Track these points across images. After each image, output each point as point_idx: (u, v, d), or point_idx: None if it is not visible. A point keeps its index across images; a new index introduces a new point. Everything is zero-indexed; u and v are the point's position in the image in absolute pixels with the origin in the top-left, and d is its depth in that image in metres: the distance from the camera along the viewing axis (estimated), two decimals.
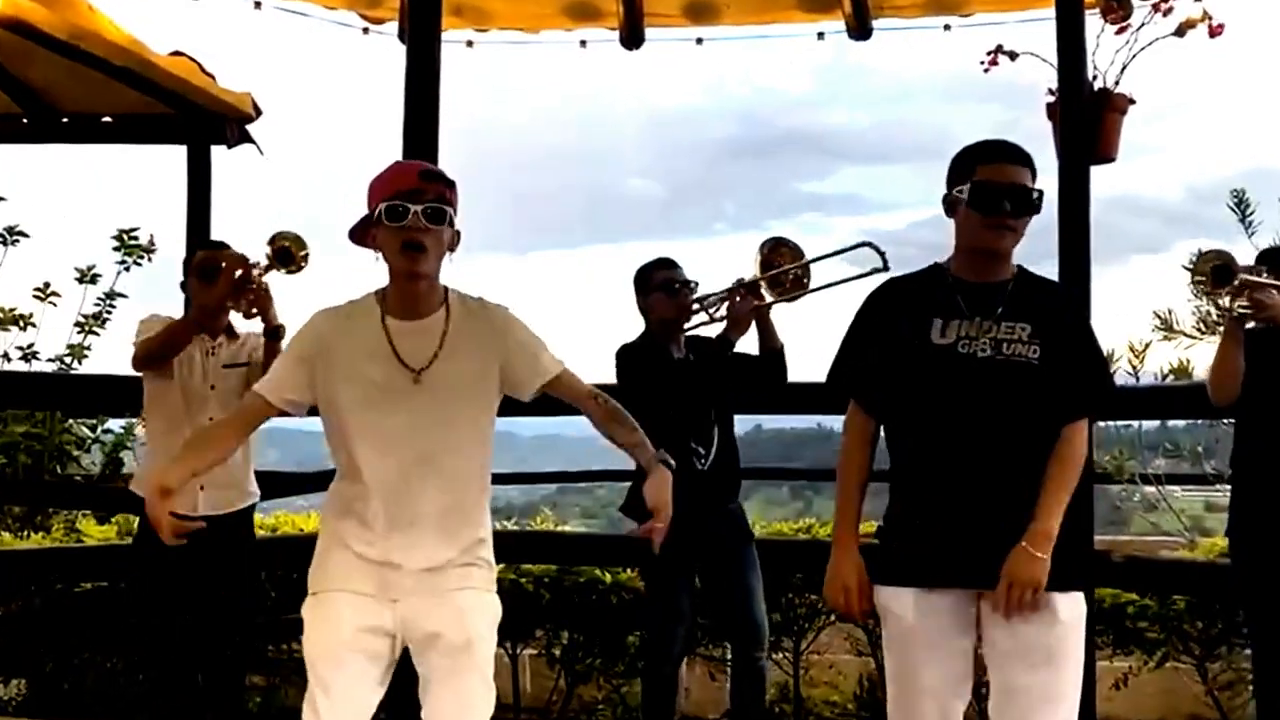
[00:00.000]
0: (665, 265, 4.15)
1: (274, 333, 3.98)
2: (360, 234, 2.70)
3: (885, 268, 4.00)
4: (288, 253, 3.99)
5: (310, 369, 2.65)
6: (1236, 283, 3.38)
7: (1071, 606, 2.64)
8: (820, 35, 5.32)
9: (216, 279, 3.98)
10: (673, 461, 2.79)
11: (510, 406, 5.25)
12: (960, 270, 2.75)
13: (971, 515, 2.62)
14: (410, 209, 2.55)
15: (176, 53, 5.49)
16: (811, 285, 4.14)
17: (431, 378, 2.64)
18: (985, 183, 2.64)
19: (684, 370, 4.08)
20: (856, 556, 2.74)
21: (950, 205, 2.74)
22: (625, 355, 4.12)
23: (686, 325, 4.17)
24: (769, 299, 4.13)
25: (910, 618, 2.66)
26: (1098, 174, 4.53)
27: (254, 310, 3.99)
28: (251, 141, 5.95)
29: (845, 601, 2.74)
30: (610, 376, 4.15)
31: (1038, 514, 2.60)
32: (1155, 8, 4.53)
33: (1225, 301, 3.51)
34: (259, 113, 5.88)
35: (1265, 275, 3.47)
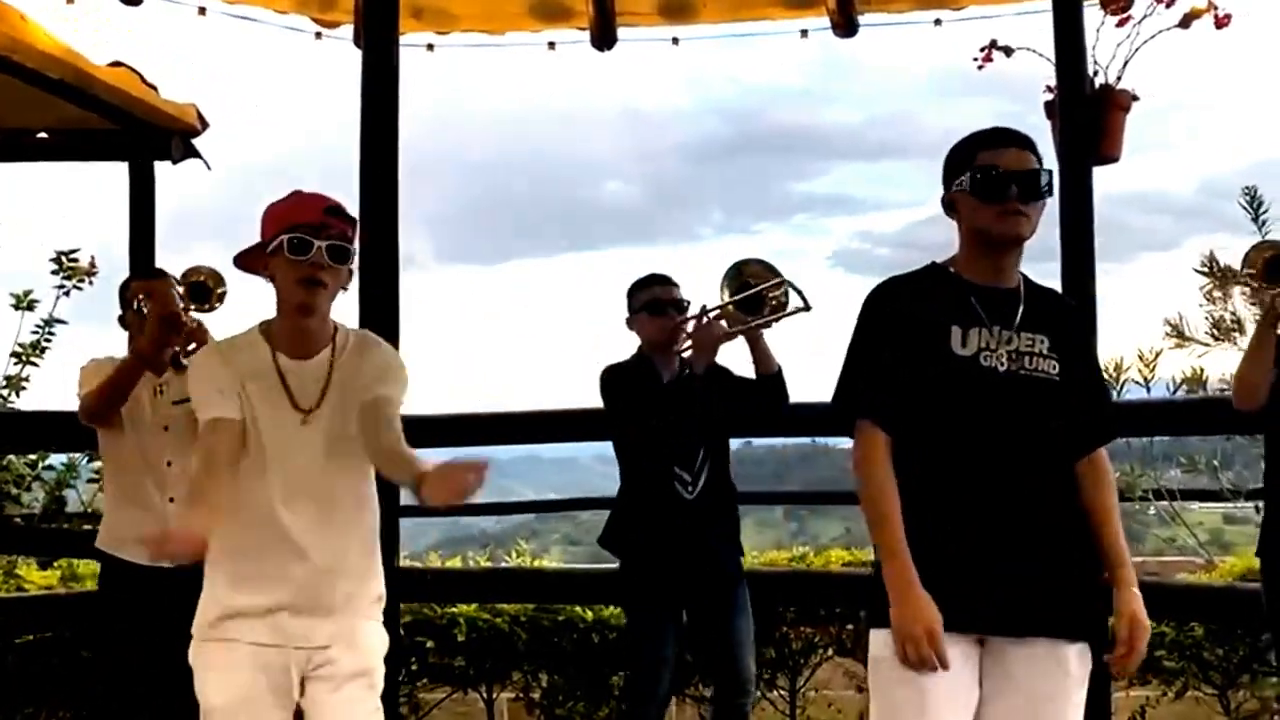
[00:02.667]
0: (653, 283, 4.10)
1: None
2: (249, 259, 2.77)
3: (807, 308, 4.01)
4: (203, 288, 3.98)
5: (231, 381, 2.71)
6: None
7: (1082, 661, 2.51)
8: (804, 33, 5.33)
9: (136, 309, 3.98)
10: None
11: (488, 433, 5.29)
12: (968, 272, 2.60)
13: (987, 550, 2.45)
14: (314, 244, 2.64)
15: (116, 63, 5.47)
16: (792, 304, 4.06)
17: (318, 418, 2.74)
18: (989, 167, 2.53)
19: (669, 394, 4.03)
20: (927, 595, 2.42)
21: (950, 203, 2.63)
22: (609, 375, 4.10)
23: (679, 348, 4.09)
24: (744, 322, 4.04)
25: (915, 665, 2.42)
26: (1104, 169, 4.56)
27: (191, 346, 3.96)
28: (198, 156, 5.92)
29: (935, 641, 2.39)
30: (593, 393, 4.14)
31: (1118, 557, 2.54)
32: None
33: (1269, 298, 3.47)
34: (205, 125, 5.86)
35: None
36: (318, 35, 5.33)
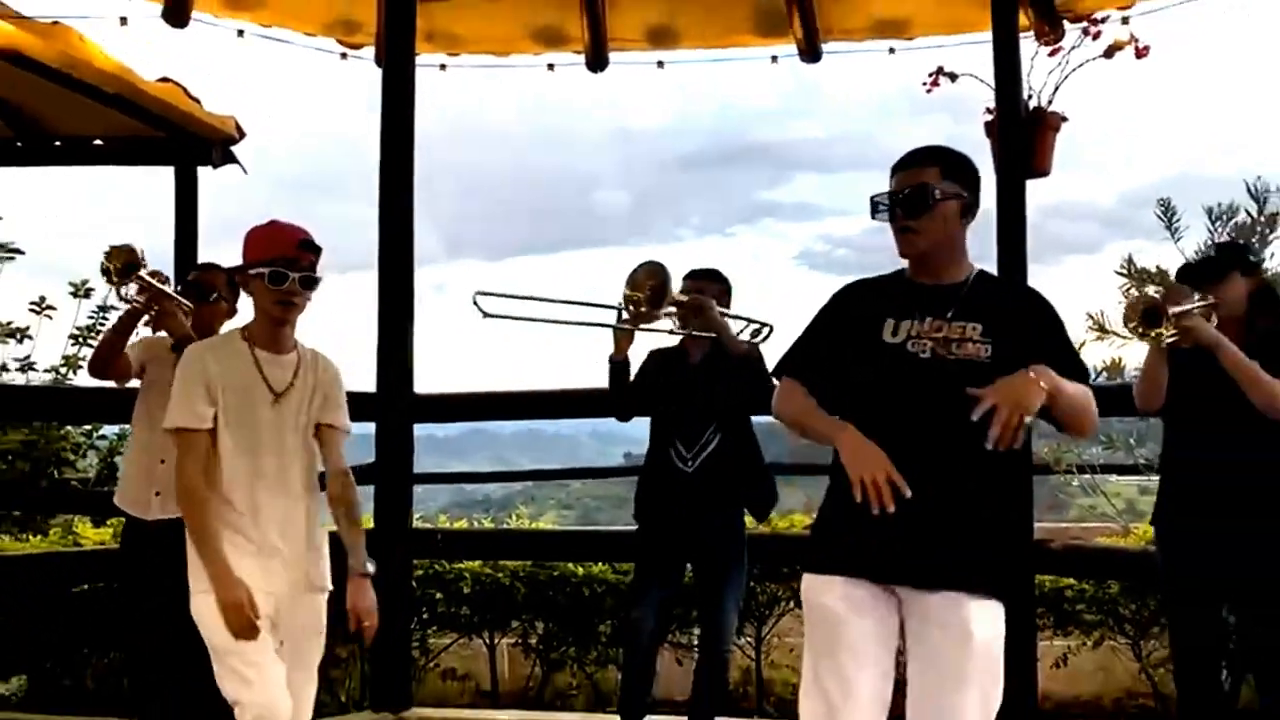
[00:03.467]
0: (691, 275, 4.06)
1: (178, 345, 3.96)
2: (233, 272, 3.19)
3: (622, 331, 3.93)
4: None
5: (208, 389, 2.95)
6: (1168, 318, 3.35)
7: (987, 622, 2.46)
8: (774, 58, 5.32)
9: (206, 298, 3.98)
10: (372, 571, 3.15)
11: (491, 409, 5.29)
12: (915, 274, 2.65)
13: (906, 512, 2.42)
14: (289, 276, 2.95)
15: (164, 79, 5.45)
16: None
17: (288, 400, 3.03)
18: (887, 193, 2.61)
19: (679, 375, 4.05)
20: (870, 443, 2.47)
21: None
22: (648, 357, 4.13)
23: (700, 332, 3.98)
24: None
25: (836, 608, 2.51)
26: (1036, 182, 4.57)
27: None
28: (236, 162, 5.91)
29: (878, 465, 2.42)
30: (584, 375, 4.15)
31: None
32: (1085, 31, 4.57)
33: (1156, 332, 3.47)
34: (242, 134, 5.84)
35: (1189, 296, 3.45)
36: (343, 56, 5.30)
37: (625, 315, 3.87)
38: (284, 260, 2.94)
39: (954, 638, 2.44)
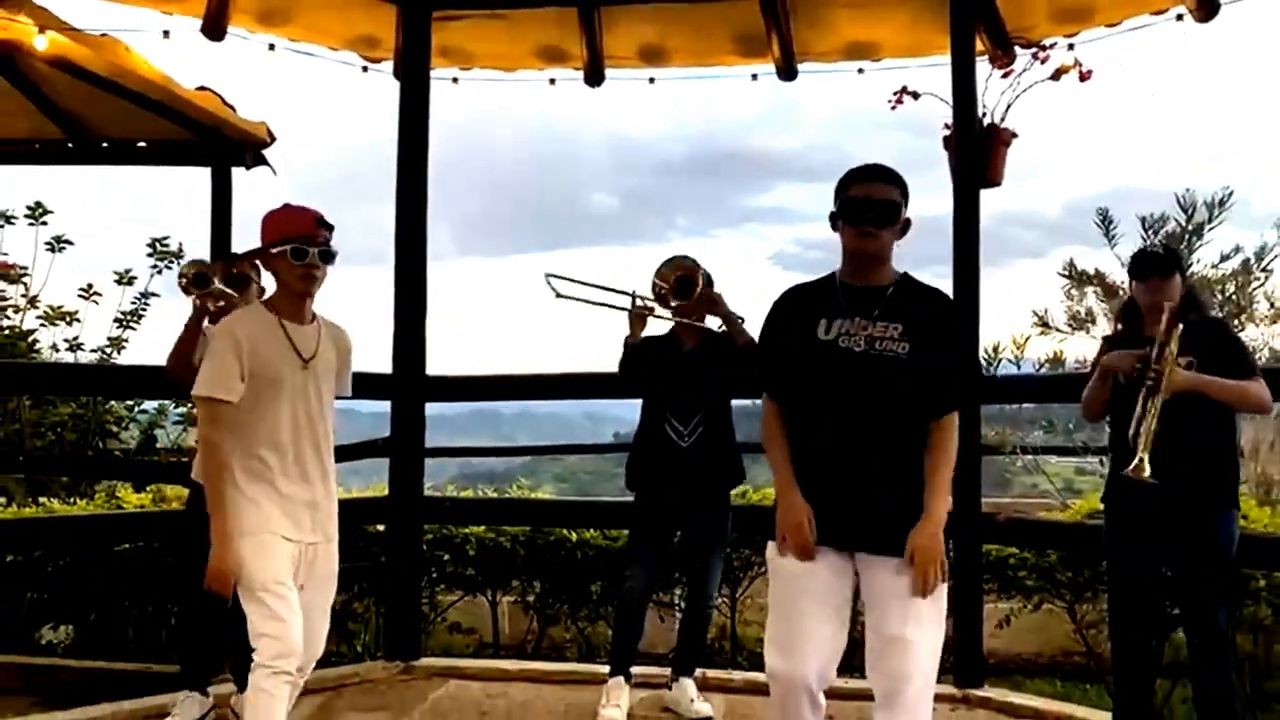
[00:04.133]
0: (669, 263, 4.08)
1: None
2: (254, 255, 3.11)
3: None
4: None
5: (239, 361, 2.91)
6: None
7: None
8: (754, 76, 5.29)
9: (247, 285, 3.99)
10: None
11: (495, 391, 5.28)
12: (846, 276, 2.77)
13: (847, 486, 2.65)
14: (310, 251, 2.97)
15: (202, 88, 5.43)
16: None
17: (313, 366, 3.02)
18: (854, 199, 2.70)
19: (671, 357, 4.04)
20: (802, 500, 2.70)
21: (833, 220, 2.78)
22: (643, 342, 4.11)
23: (693, 321, 4.06)
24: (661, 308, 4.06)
25: (797, 570, 2.67)
26: (989, 192, 4.57)
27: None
28: (266, 164, 5.89)
29: (801, 533, 2.67)
30: (578, 360, 4.16)
31: (928, 504, 2.63)
32: (1035, 56, 4.56)
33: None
34: (273, 139, 5.82)
35: (1128, 284, 3.49)
36: (364, 69, 5.26)
37: (640, 303, 4.01)
38: (304, 238, 2.95)
39: (906, 586, 2.61)
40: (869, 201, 2.69)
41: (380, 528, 5.19)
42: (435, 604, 5.47)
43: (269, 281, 3.09)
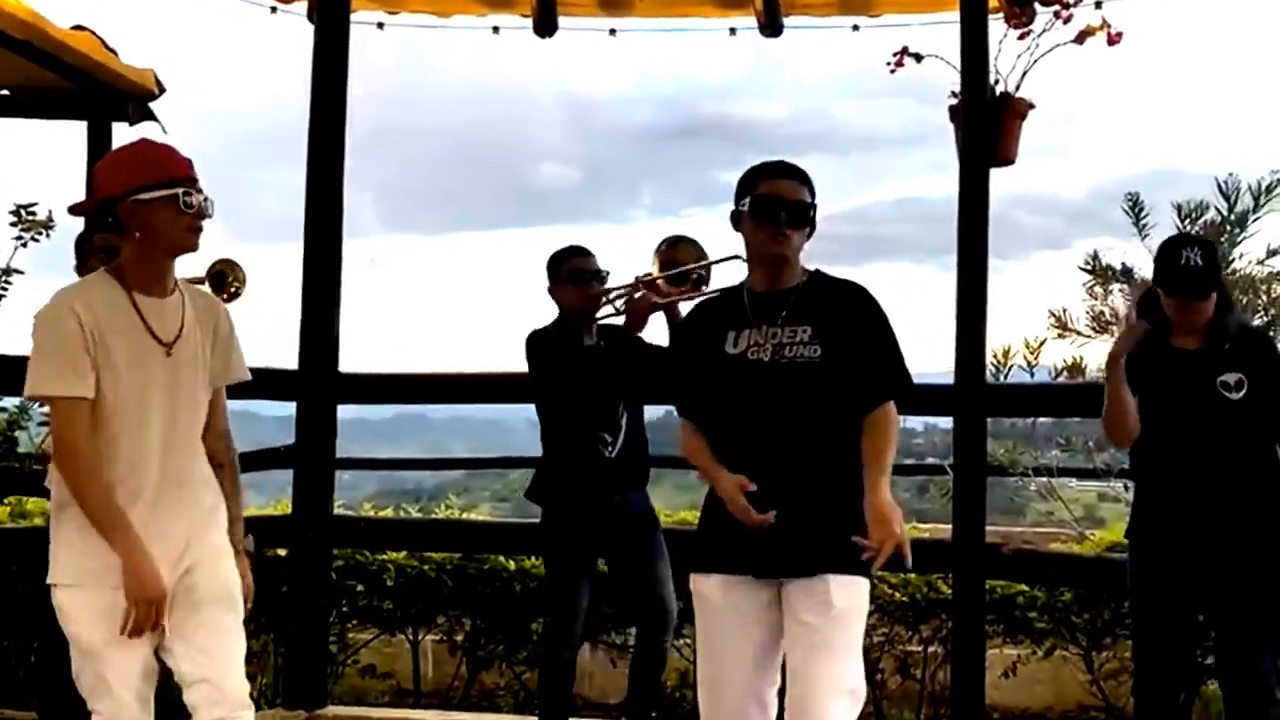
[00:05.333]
0: (576, 254, 4.09)
1: None
2: (104, 206, 2.74)
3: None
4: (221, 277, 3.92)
5: (86, 350, 2.65)
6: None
7: (848, 595, 2.77)
8: (732, 31, 5.31)
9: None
10: (251, 549, 3.00)
11: (421, 392, 5.26)
12: (753, 283, 2.95)
13: (767, 508, 2.76)
14: (200, 198, 2.71)
15: (78, 27, 5.33)
16: (711, 286, 4.05)
17: (178, 351, 2.76)
18: (764, 196, 2.85)
19: (592, 359, 4.04)
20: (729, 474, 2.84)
21: (736, 220, 2.93)
22: (534, 341, 4.08)
23: (598, 316, 4.12)
24: (670, 294, 4.05)
25: (718, 601, 2.84)
26: (1004, 172, 4.59)
27: None
28: (154, 119, 5.80)
29: (741, 500, 2.78)
30: (521, 360, 4.12)
31: (868, 490, 2.76)
32: (1056, 15, 4.59)
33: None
34: (162, 90, 5.73)
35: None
36: (273, 10, 5.22)
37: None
38: (183, 181, 2.70)
39: (817, 610, 2.73)
40: (780, 201, 2.84)
41: (281, 552, 5.13)
42: (345, 643, 5.43)
43: None
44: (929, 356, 4.74)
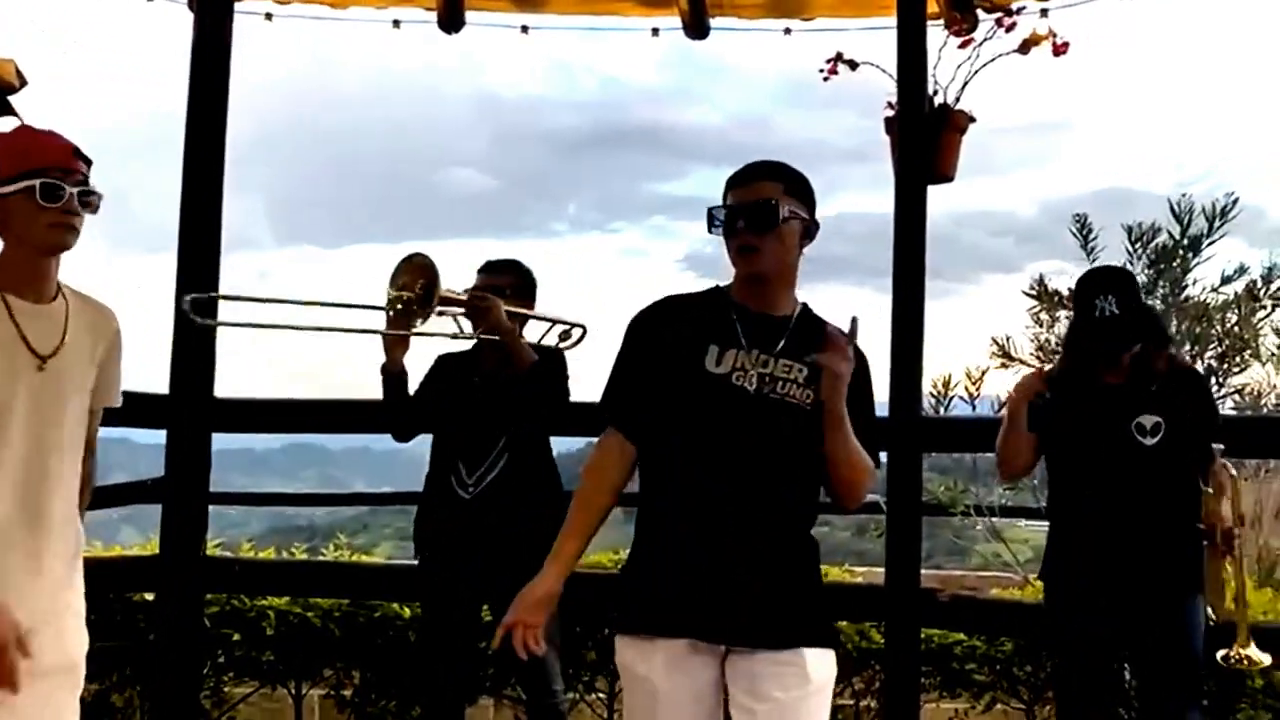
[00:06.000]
0: (485, 268, 4.10)
1: None
2: None
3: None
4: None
5: None
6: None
7: (821, 666, 2.62)
8: (655, 31, 5.35)
9: None
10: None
11: (317, 421, 5.18)
12: (742, 297, 2.73)
13: (719, 559, 2.58)
14: (68, 190, 2.58)
15: None
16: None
17: (56, 366, 2.66)
18: (725, 208, 2.69)
19: (465, 388, 4.02)
20: (553, 583, 2.70)
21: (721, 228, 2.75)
22: (437, 363, 4.10)
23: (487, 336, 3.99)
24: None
25: (653, 674, 2.59)
26: (955, 189, 4.69)
27: None
28: (13, 114, 5.69)
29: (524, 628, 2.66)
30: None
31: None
32: (998, 22, 4.69)
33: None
34: (24, 82, 5.63)
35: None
36: None
37: (392, 317, 3.87)
38: (59, 171, 2.59)
39: (793, 686, 2.56)
40: (740, 208, 2.66)
41: (149, 596, 5.06)
42: (221, 697, 5.33)
43: None
44: None
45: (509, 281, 4.06)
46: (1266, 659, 3.43)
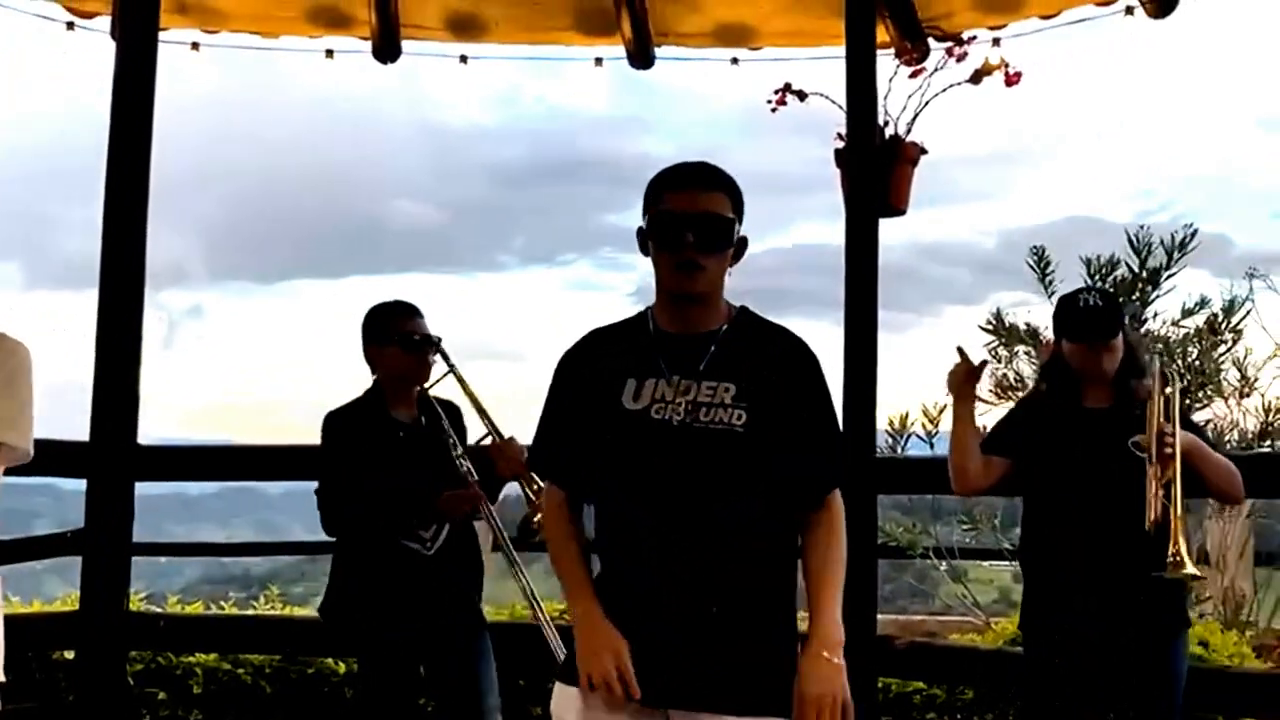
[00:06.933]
0: (408, 313, 4.00)
1: None
2: None
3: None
4: None
5: None
6: None
7: None
8: (598, 61, 5.38)
9: None
10: None
11: (248, 469, 5.14)
12: (663, 319, 2.56)
13: (660, 613, 2.44)
14: None
15: None
16: None
17: None
18: (665, 213, 2.48)
19: (410, 438, 3.93)
20: (609, 624, 2.47)
21: (643, 241, 2.56)
22: (335, 421, 3.88)
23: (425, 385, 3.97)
24: None
25: (574, 715, 2.49)
26: (909, 219, 4.72)
27: None
28: None
29: (613, 671, 2.42)
30: None
31: (817, 617, 2.45)
32: (949, 52, 4.75)
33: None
34: None
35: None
36: (70, 25, 5.15)
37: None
38: None
39: None
40: (685, 217, 2.45)
41: (69, 654, 4.99)
42: None
43: None
44: None
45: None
46: (1198, 573, 3.44)
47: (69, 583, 5.62)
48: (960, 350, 3.83)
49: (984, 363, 3.90)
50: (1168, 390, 3.49)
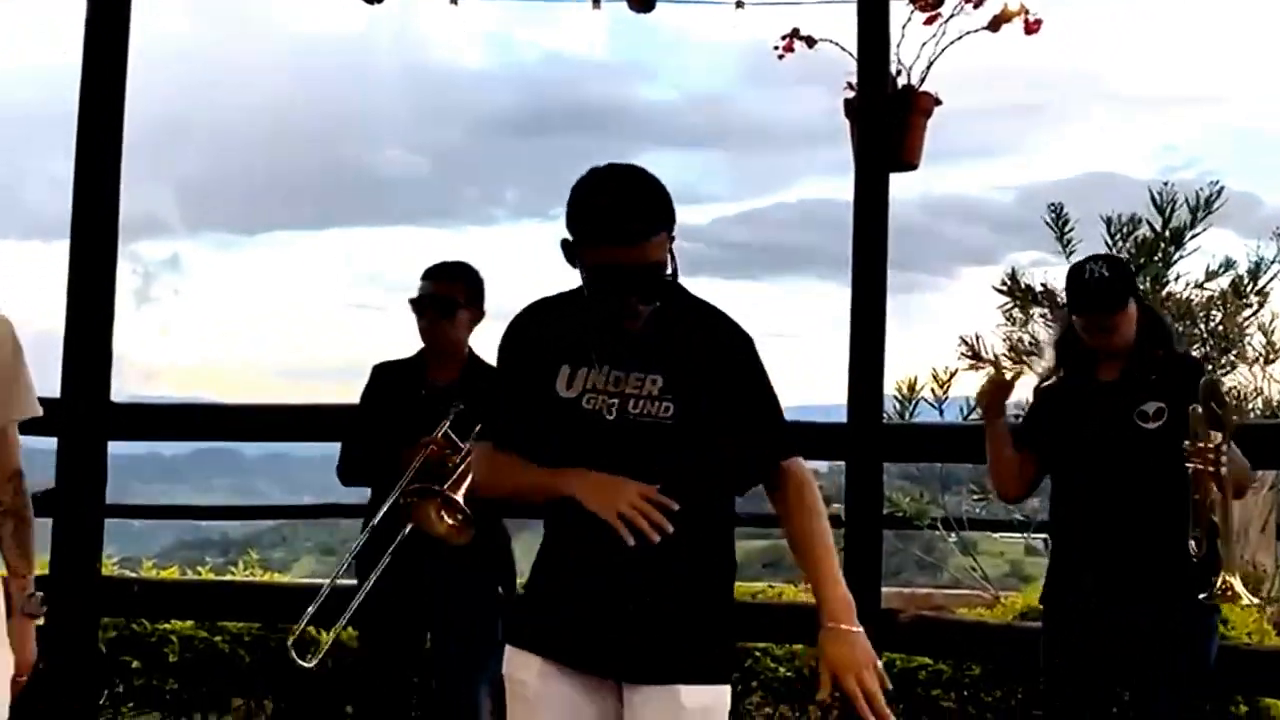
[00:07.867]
0: (424, 275, 4.03)
1: None
2: None
3: None
4: None
5: None
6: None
7: (698, 695, 2.53)
8: (596, 3, 5.34)
9: None
10: (39, 612, 2.87)
11: (230, 427, 5.15)
12: (600, 299, 2.55)
13: (605, 591, 2.53)
14: None
15: None
16: None
17: None
18: (601, 270, 2.47)
19: (429, 400, 3.94)
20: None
21: (568, 253, 2.55)
22: (373, 373, 4.06)
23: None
24: None
25: (534, 686, 2.56)
26: (922, 174, 4.71)
27: None
28: None
29: (626, 493, 2.47)
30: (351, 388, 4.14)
31: (820, 592, 2.52)
32: None
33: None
34: None
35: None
36: None
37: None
38: None
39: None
40: (632, 275, 2.44)
41: (39, 621, 4.99)
42: None
43: None
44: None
45: (461, 290, 4.02)
46: (1254, 600, 3.49)
47: (39, 546, 5.63)
48: (995, 362, 3.85)
49: (1017, 375, 3.91)
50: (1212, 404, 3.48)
